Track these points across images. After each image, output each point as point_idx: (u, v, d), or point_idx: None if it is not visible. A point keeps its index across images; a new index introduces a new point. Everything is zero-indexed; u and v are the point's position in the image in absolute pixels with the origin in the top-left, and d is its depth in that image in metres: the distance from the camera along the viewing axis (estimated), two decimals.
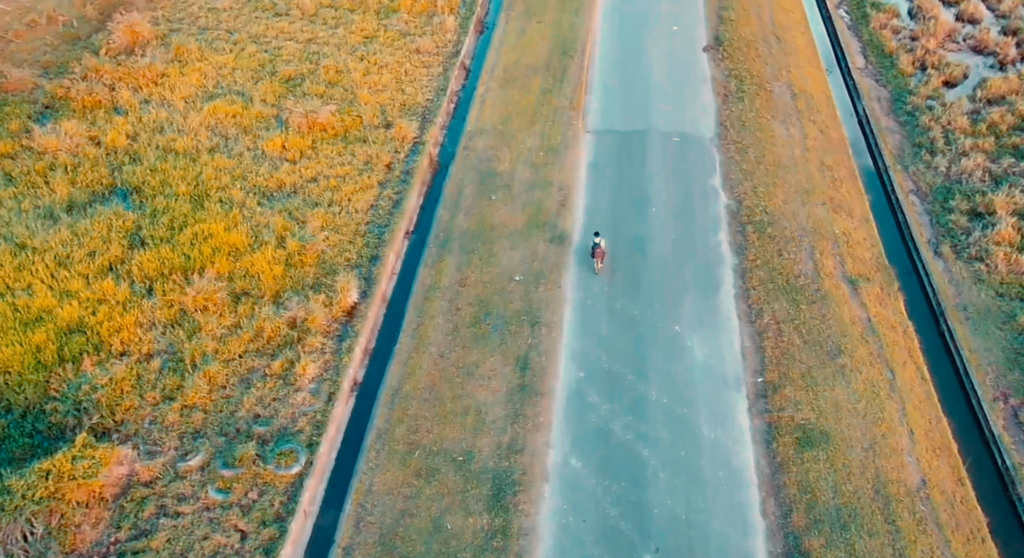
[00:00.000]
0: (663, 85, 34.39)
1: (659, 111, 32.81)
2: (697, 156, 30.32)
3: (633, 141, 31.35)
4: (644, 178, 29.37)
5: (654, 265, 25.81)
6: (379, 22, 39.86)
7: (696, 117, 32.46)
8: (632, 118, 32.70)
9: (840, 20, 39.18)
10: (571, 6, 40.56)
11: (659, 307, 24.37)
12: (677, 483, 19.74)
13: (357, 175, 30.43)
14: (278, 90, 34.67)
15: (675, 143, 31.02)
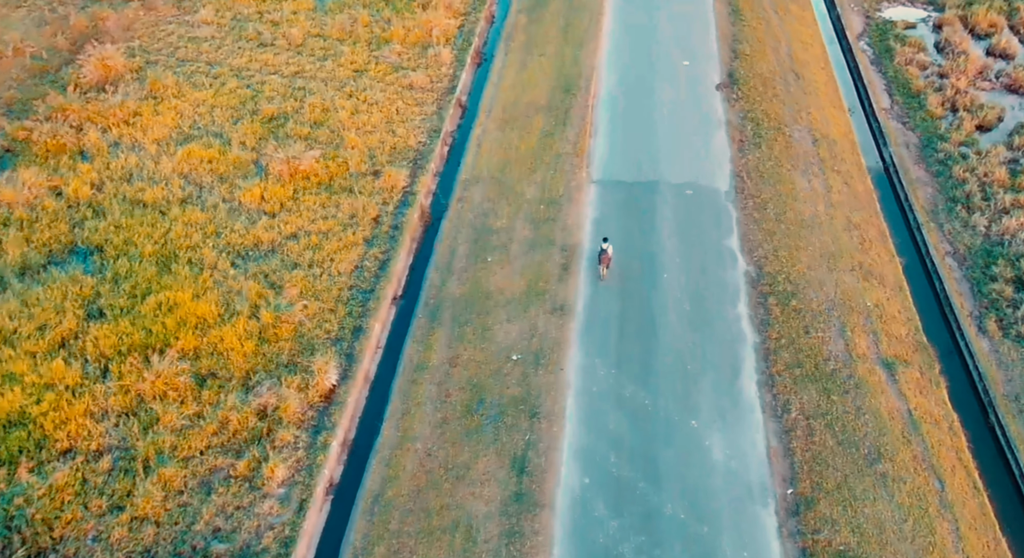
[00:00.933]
0: (673, 129, 31.55)
1: (670, 159, 29.99)
2: (712, 213, 27.54)
3: (642, 194, 28.57)
4: (655, 239, 26.54)
5: (668, 343, 22.96)
6: (370, 54, 37.09)
7: (710, 166, 29.70)
8: (640, 167, 29.91)
9: (862, 54, 36.44)
10: (574, 38, 37.81)
11: (673, 396, 21.59)
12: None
13: (341, 231, 27.64)
14: (259, 131, 31.87)
15: (688, 197, 28.25)
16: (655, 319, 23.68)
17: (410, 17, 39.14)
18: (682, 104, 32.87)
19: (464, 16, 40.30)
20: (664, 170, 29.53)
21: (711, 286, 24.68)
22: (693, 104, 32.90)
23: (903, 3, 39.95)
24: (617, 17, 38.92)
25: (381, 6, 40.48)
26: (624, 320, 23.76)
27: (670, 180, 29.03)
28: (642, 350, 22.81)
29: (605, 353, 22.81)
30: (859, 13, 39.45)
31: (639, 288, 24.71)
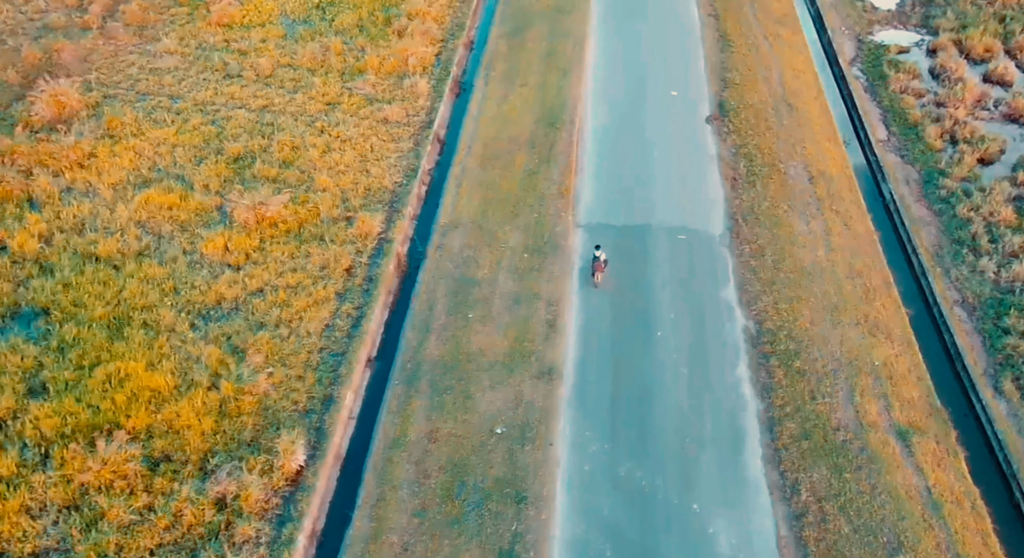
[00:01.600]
0: (663, 166, 29.56)
1: (660, 200, 28.00)
2: (707, 260, 25.73)
3: (632, 239, 26.64)
4: (647, 290, 24.57)
5: (664, 413, 20.96)
6: (343, 85, 34.95)
7: (703, 208, 27.87)
8: (630, 209, 27.95)
9: (856, 82, 34.85)
10: (558, 66, 35.92)
11: (672, 474, 19.62)
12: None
13: (311, 285, 25.53)
14: (224, 173, 29.66)
15: (680, 243, 26.42)
16: (650, 385, 21.78)
17: (385, 45, 37.09)
18: (671, 139, 31.01)
19: (442, 43, 38.31)
20: (654, 212, 27.66)
21: (709, 345, 22.82)
22: (683, 138, 31.07)
23: (895, 26, 38.45)
24: (602, 44, 37.01)
25: (355, 33, 38.41)
26: (617, 385, 21.84)
27: (661, 223, 27.17)
28: (637, 421, 20.87)
29: (597, 425, 20.86)
30: (851, 37, 37.89)
31: (632, 348, 22.75)
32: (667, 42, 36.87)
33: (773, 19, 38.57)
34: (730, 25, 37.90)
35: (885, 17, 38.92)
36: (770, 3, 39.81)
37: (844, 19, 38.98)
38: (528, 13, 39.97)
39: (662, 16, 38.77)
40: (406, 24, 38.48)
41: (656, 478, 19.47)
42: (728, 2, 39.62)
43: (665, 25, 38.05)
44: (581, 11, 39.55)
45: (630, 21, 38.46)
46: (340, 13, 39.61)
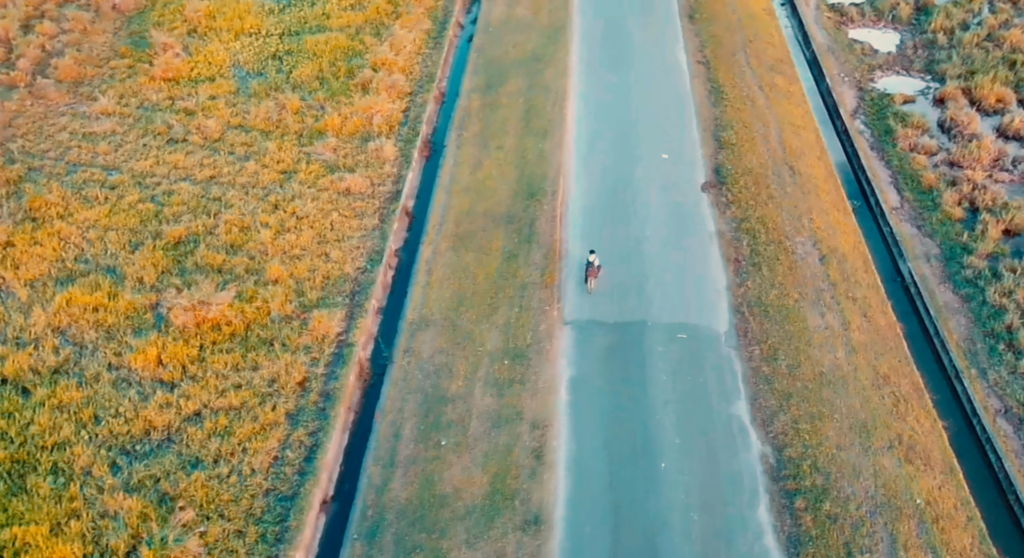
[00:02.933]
0: (658, 247, 25.88)
1: (656, 289, 24.35)
2: (713, 367, 22.21)
3: (627, 340, 23.01)
4: (647, 407, 20.85)
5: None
6: (300, 150, 31.10)
7: (704, 298, 24.36)
8: (622, 300, 24.24)
9: (860, 138, 31.70)
10: (537, 126, 32.37)
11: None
12: None
13: (258, 405, 21.66)
14: (162, 262, 25.75)
15: (682, 343, 22.98)
16: (655, 537, 18.20)
17: (347, 102, 33.29)
18: (665, 212, 27.38)
19: (410, 97, 34.64)
20: (650, 305, 24.11)
21: (722, 481, 19.29)
22: (678, 212, 27.42)
23: (897, 71, 35.42)
24: (584, 99, 33.28)
25: (314, 86, 34.61)
26: (617, 538, 18.20)
27: (659, 319, 23.66)
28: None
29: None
30: (851, 85, 34.80)
31: (633, 486, 19.04)
32: (655, 95, 33.30)
33: (767, 66, 35.40)
34: (722, 74, 34.65)
35: (886, 61, 35.88)
36: (763, 48, 36.68)
37: (843, 64, 35.91)
38: (503, 62, 36.50)
39: (648, 64, 35.32)
40: (371, 76, 34.80)
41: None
42: (718, 47, 36.48)
43: (652, 75, 34.57)
44: (560, 60, 36.07)
45: (614, 71, 34.94)
46: (298, 63, 35.85)
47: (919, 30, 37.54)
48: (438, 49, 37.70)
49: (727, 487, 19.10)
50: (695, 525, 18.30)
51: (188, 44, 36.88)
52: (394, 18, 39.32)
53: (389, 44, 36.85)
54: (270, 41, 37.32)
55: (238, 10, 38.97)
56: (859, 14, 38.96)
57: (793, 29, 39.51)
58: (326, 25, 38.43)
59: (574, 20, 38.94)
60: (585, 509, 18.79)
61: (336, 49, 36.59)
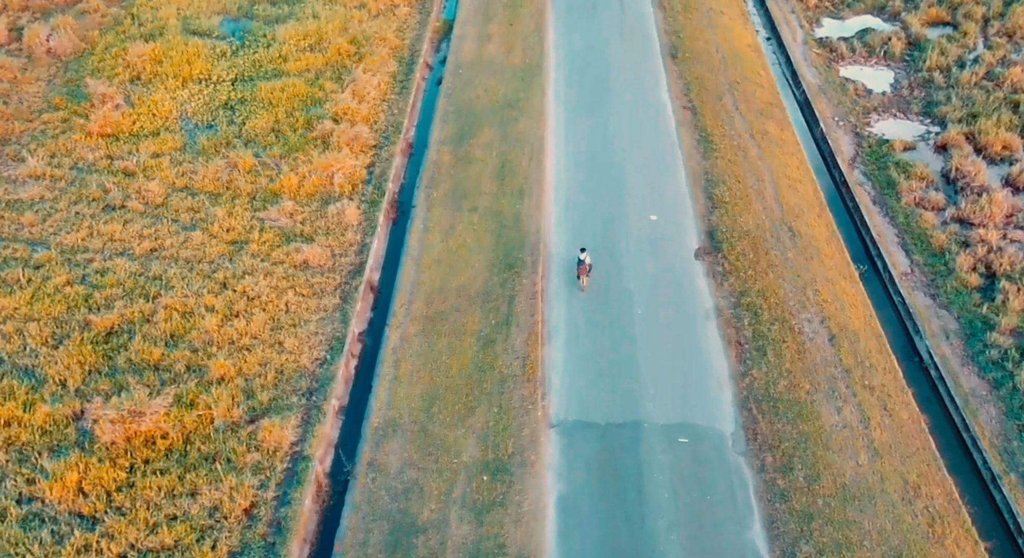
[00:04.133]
0: (651, 329, 22.93)
1: (652, 382, 21.31)
2: (720, 480, 19.22)
3: (621, 446, 19.88)
4: (648, 535, 17.77)
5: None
6: (253, 216, 27.78)
7: (706, 392, 21.41)
8: (614, 396, 21.16)
9: (861, 192, 29.16)
10: (513, 184, 29.32)
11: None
12: None
13: (196, 542, 18.18)
14: (89, 359, 22.32)
15: (683, 449, 20.12)
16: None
17: (305, 159, 29.97)
18: (657, 286, 24.38)
19: (374, 151, 31.46)
20: (646, 402, 21.00)
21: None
22: (671, 285, 24.45)
23: (895, 114, 32.96)
24: (563, 152, 30.24)
25: (270, 140, 31.22)
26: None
27: (656, 418, 20.71)
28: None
29: None
30: (847, 130, 32.34)
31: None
32: (640, 146, 30.33)
33: (757, 110, 32.83)
34: (709, 120, 31.98)
35: (881, 103, 33.49)
36: (751, 90, 34.12)
37: (836, 107, 33.44)
38: (475, 108, 33.48)
39: (631, 110, 32.29)
40: (331, 128, 31.54)
41: None
42: (704, 90, 33.79)
43: (636, 123, 31.58)
44: (536, 105, 33.03)
45: (594, 117, 31.92)
46: (252, 114, 32.47)
47: (913, 68, 35.24)
48: (405, 94, 34.62)
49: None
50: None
51: (131, 93, 33.39)
52: (357, 60, 36.20)
53: (351, 90, 33.67)
54: (221, 88, 33.97)
55: (186, 54, 35.58)
56: (849, 50, 36.57)
57: (781, 66, 37.06)
58: (283, 69, 35.18)
59: (549, 59, 36.10)
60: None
61: (293, 97, 33.29)
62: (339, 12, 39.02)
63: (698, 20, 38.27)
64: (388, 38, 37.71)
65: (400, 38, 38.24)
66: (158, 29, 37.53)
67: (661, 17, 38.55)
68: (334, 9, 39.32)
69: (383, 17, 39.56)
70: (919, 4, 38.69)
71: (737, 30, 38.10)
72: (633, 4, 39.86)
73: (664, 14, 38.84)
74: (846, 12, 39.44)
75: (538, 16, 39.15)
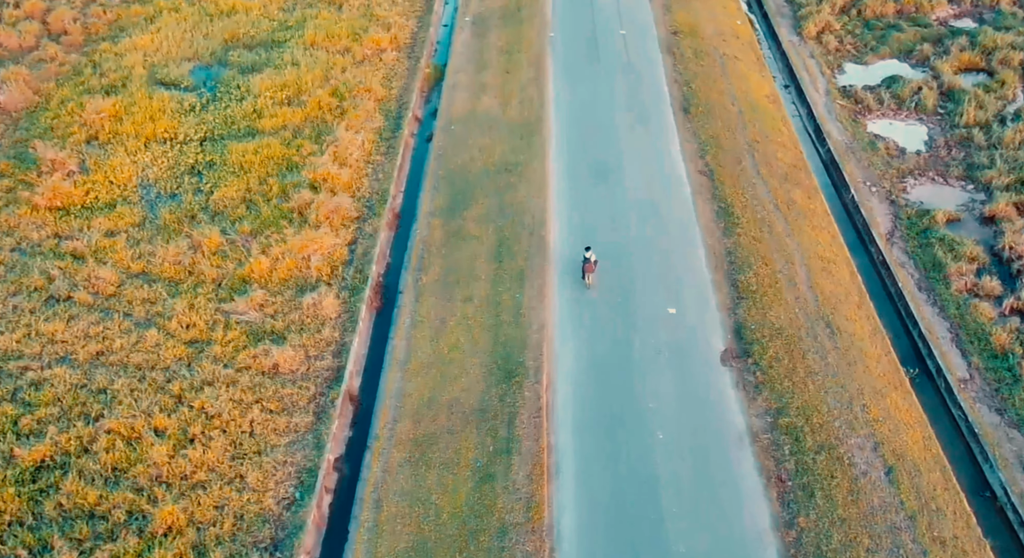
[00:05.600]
0: (674, 461, 19.14)
1: (679, 533, 17.57)
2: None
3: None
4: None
5: None
6: (216, 308, 24.19)
7: (745, 550, 18.04)
8: (636, 554, 17.82)
9: (903, 274, 25.65)
10: (512, 267, 25.45)
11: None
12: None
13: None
14: (11, 505, 18.50)
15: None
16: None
17: (279, 238, 26.19)
18: (679, 399, 20.61)
19: (357, 225, 27.72)
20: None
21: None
22: (694, 399, 20.70)
23: (932, 178, 29.35)
24: (568, 226, 26.48)
25: (240, 213, 27.33)
26: None
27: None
28: None
29: None
30: (881, 197, 28.82)
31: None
32: (653, 221, 26.53)
33: (781, 175, 29.31)
34: (729, 189, 28.39)
35: (916, 164, 29.98)
36: (772, 150, 30.55)
37: (867, 169, 29.93)
38: (468, 175, 29.77)
39: (641, 177, 28.49)
40: (309, 198, 27.76)
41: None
42: (721, 152, 30.04)
43: (647, 191, 27.81)
44: (535, 170, 29.24)
45: (600, 185, 28.10)
46: (221, 181, 28.68)
47: (949, 122, 31.74)
48: (391, 155, 30.96)
49: None
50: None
51: (86, 157, 29.61)
52: (339, 114, 32.47)
53: (332, 152, 29.95)
54: (188, 150, 30.17)
55: (150, 109, 31.77)
56: (876, 101, 33.03)
57: (802, 119, 33.50)
58: (257, 127, 31.42)
59: (549, 113, 32.46)
60: None
61: (268, 160, 29.51)
62: (320, 59, 35.40)
63: (711, 67, 34.77)
64: (374, 88, 34.04)
65: (387, 88, 34.60)
66: (121, 79, 33.85)
67: (670, 64, 35.04)
68: (315, 55, 35.69)
69: (368, 63, 35.91)
70: (949, 48, 35.30)
71: (753, 78, 34.61)
72: (639, 49, 36.30)
73: (673, 60, 35.33)
74: (870, 57, 35.94)
75: (536, 63, 35.60)
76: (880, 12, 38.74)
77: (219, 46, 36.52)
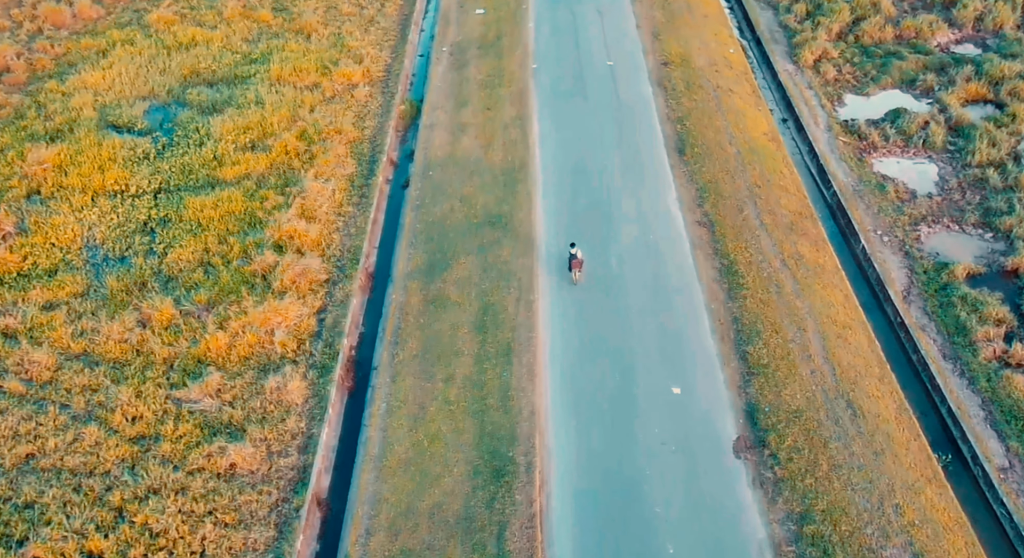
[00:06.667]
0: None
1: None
2: None
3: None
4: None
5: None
6: (167, 395, 21.34)
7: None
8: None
9: (925, 341, 23.21)
10: (498, 340, 22.41)
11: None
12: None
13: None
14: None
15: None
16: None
17: (238, 309, 23.29)
18: (690, 502, 18.03)
19: (326, 290, 24.87)
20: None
21: None
22: (707, 500, 18.09)
23: (948, 226, 27.06)
24: (559, 292, 23.79)
25: (196, 278, 24.28)
26: None
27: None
28: None
29: None
30: (894, 247, 26.48)
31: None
32: (651, 281, 23.95)
33: (785, 224, 26.89)
34: (731, 242, 25.84)
35: (929, 209, 27.61)
36: (775, 196, 28.07)
37: (876, 216, 27.56)
38: (448, 227, 26.88)
39: (636, 229, 25.91)
40: (273, 261, 24.98)
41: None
42: (720, 199, 27.27)
43: (644, 248, 25.19)
44: (521, 223, 26.33)
45: (592, 241, 25.37)
46: (176, 240, 25.73)
47: (960, 161, 29.42)
48: (364, 206, 28.12)
49: None
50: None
51: (25, 214, 26.65)
52: (307, 159, 29.59)
53: (300, 205, 27.26)
54: (140, 204, 27.16)
55: (99, 158, 28.72)
56: (881, 137, 30.65)
57: (804, 158, 31.08)
58: (217, 176, 28.46)
59: (535, 157, 29.71)
60: None
61: (228, 216, 26.59)
62: (287, 96, 32.45)
63: (705, 103, 32.30)
64: (345, 129, 31.18)
65: (359, 128, 31.74)
66: (68, 123, 30.73)
67: (662, 99, 32.49)
68: (281, 92, 32.75)
69: (339, 100, 33.04)
70: (954, 78, 33.02)
71: (750, 113, 32.18)
72: (628, 81, 33.60)
73: (665, 95, 32.79)
74: (871, 87, 33.53)
75: (520, 99, 32.91)
76: (879, 38, 36.61)
77: (177, 83, 33.51)
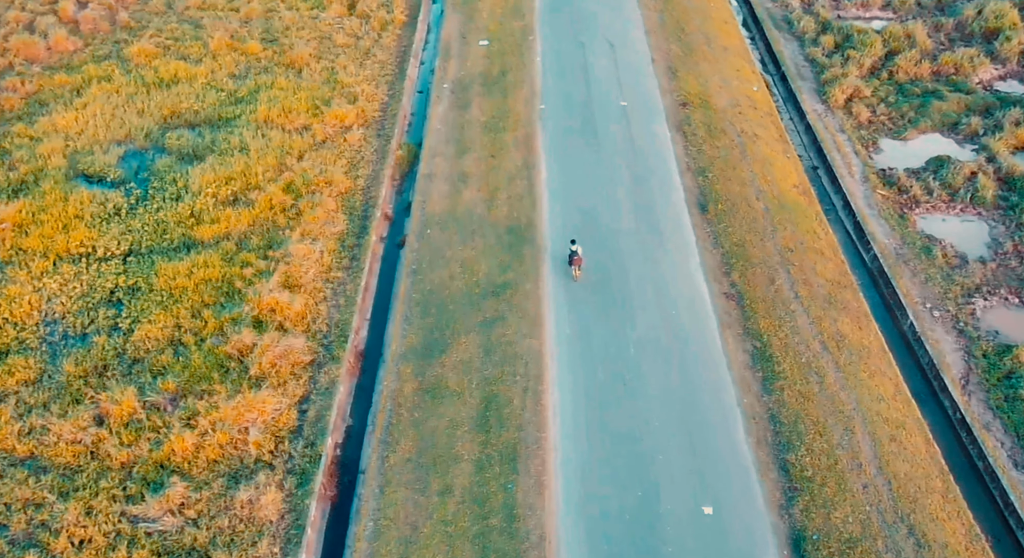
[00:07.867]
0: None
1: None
2: None
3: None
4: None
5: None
6: (122, 512, 18.34)
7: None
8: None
9: (991, 444, 20.03)
10: (502, 442, 19.15)
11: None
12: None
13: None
14: None
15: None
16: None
17: (211, 402, 20.29)
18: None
19: (310, 376, 21.96)
20: None
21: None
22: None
23: (1006, 299, 23.73)
24: (569, 378, 20.76)
25: (164, 361, 21.21)
26: None
27: None
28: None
29: None
30: (946, 324, 23.45)
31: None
32: (675, 370, 20.85)
33: (823, 297, 23.87)
34: (763, 319, 22.80)
35: (983, 277, 24.48)
36: (810, 262, 24.98)
37: (923, 285, 24.65)
38: (447, 299, 23.74)
39: (657, 304, 22.88)
40: (252, 342, 22.17)
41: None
42: (750, 268, 24.18)
43: (666, 327, 22.12)
44: (528, 296, 23.26)
45: (609, 321, 22.34)
46: (145, 313, 22.71)
47: (1014, 219, 26.27)
48: (355, 270, 25.20)
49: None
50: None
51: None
52: (294, 215, 26.56)
53: (283, 272, 24.37)
54: (106, 270, 24.13)
55: (64, 215, 25.69)
56: (924, 191, 27.52)
57: (839, 213, 27.99)
58: (193, 236, 25.43)
59: (542, 214, 26.60)
60: None
61: (204, 284, 23.62)
62: (275, 141, 29.43)
63: (728, 150, 29.27)
64: (336, 179, 28.22)
65: (351, 177, 28.78)
66: (34, 173, 27.76)
67: (681, 146, 29.50)
68: (268, 136, 29.73)
69: (331, 145, 30.08)
70: (1001, 122, 29.85)
71: (779, 162, 29.14)
72: (644, 125, 30.39)
73: (684, 140, 29.79)
74: (909, 131, 30.35)
75: (526, 145, 29.86)
76: (915, 74, 33.50)
77: (156, 125, 30.53)
